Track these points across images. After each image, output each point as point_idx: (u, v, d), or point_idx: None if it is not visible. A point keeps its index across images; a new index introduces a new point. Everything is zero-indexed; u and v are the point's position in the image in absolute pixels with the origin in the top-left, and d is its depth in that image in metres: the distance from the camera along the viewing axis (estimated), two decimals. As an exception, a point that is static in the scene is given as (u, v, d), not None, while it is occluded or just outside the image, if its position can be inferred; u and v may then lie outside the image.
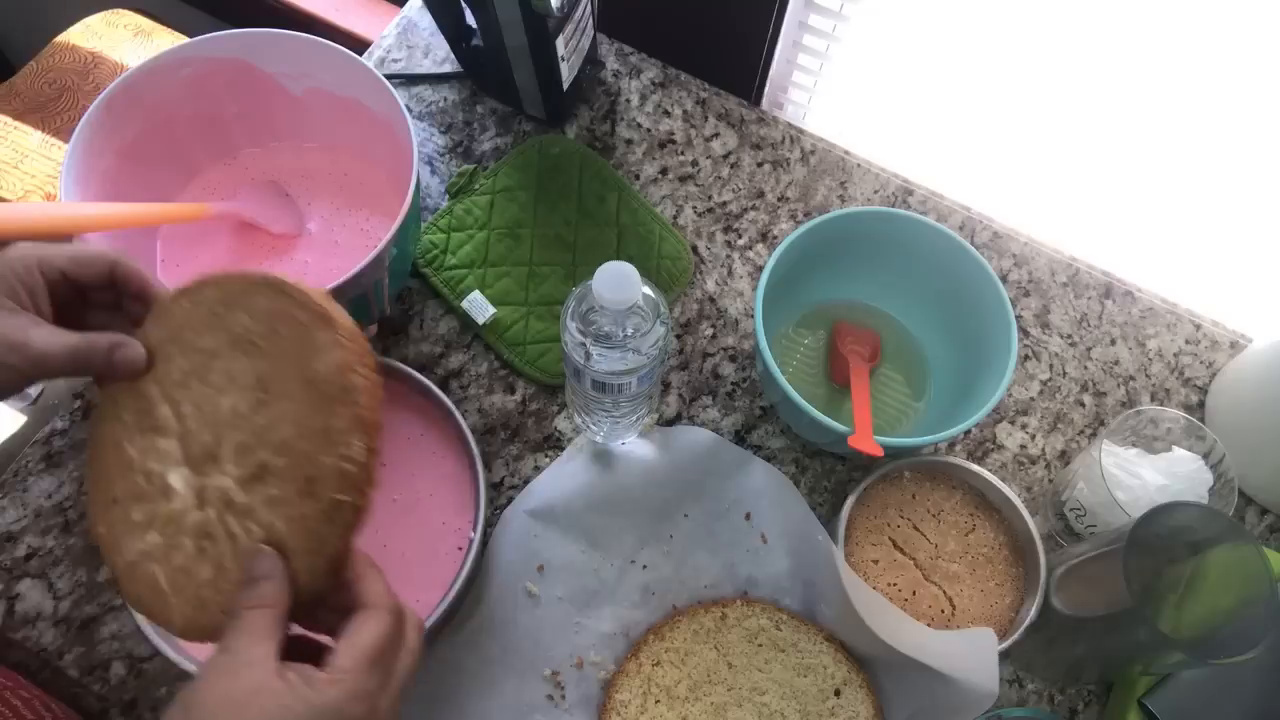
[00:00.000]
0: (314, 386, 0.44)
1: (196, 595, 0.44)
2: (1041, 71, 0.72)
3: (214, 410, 0.45)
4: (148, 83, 0.63)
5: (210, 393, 0.45)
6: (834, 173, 0.77)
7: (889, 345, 0.69)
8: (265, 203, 0.68)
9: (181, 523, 0.44)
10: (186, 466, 0.45)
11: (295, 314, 0.46)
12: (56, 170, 0.89)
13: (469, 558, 0.56)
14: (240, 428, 0.45)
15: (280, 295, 0.46)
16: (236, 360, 0.45)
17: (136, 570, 0.45)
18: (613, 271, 0.48)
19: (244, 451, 0.44)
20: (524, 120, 0.77)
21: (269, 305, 0.46)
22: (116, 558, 0.45)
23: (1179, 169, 0.73)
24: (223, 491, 0.44)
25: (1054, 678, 0.62)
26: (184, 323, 0.47)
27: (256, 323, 0.46)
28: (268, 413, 0.45)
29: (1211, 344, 0.73)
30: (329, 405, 0.44)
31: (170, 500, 0.45)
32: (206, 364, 0.46)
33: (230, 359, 0.46)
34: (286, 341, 0.45)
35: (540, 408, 0.68)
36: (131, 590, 0.45)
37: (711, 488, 0.63)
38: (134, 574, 0.45)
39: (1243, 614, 0.51)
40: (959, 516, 0.63)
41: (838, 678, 0.58)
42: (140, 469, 0.46)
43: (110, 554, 0.46)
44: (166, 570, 0.44)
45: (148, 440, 0.46)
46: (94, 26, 1.10)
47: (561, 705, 0.59)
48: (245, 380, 0.45)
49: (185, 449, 0.45)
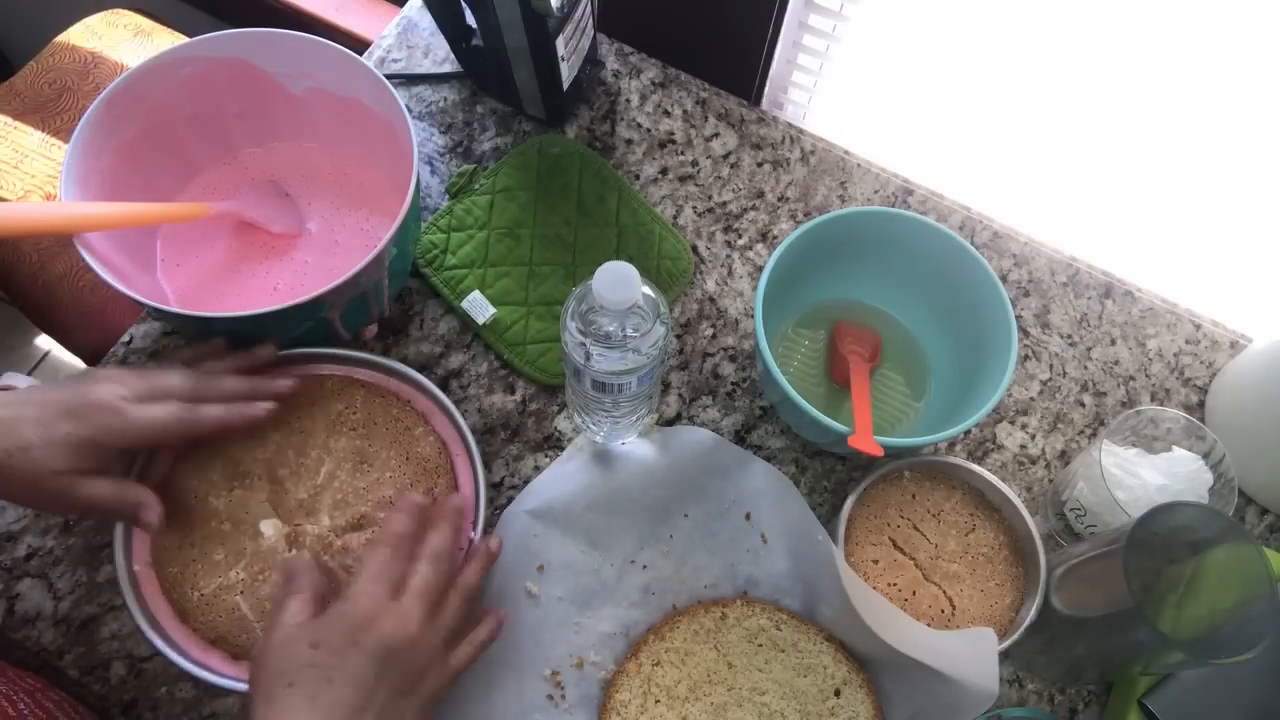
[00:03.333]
0: (415, 463, 0.59)
1: None
2: (1041, 71, 0.72)
3: (311, 475, 0.58)
4: (148, 82, 0.63)
5: (308, 462, 0.59)
6: (834, 173, 0.77)
7: (889, 345, 0.69)
8: (265, 202, 0.68)
9: (271, 560, 0.56)
10: (277, 517, 0.57)
11: (392, 410, 0.61)
12: (56, 170, 0.89)
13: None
14: (338, 489, 0.58)
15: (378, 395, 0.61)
16: (335, 439, 0.59)
17: (215, 601, 0.55)
18: (613, 271, 0.48)
19: (341, 506, 0.58)
20: (524, 120, 0.77)
21: (366, 398, 0.61)
22: (190, 592, 0.56)
23: (1179, 169, 0.73)
24: (318, 536, 0.57)
25: (1054, 678, 0.62)
26: (281, 407, 0.58)
27: (354, 412, 0.60)
28: (367, 479, 0.59)
29: (1211, 344, 0.73)
30: (430, 476, 0.59)
31: (259, 543, 0.56)
32: (304, 440, 0.59)
33: (328, 437, 0.59)
34: (383, 429, 0.60)
35: (540, 408, 0.68)
36: (207, 619, 0.55)
37: (711, 488, 0.63)
38: (211, 605, 0.55)
39: (1243, 614, 0.51)
40: (959, 516, 0.63)
41: (838, 678, 0.58)
42: (228, 518, 0.57)
43: (181, 589, 0.55)
44: (251, 600, 0.55)
45: (237, 496, 0.57)
46: (94, 26, 1.10)
47: (561, 705, 0.59)
48: (344, 454, 0.59)
49: (276, 504, 0.58)
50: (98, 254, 0.57)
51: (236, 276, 0.67)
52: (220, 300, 0.66)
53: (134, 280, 0.60)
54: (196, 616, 0.55)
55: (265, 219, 0.67)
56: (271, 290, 0.66)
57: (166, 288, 0.66)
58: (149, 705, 0.59)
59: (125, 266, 0.61)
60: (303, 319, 0.58)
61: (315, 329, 0.61)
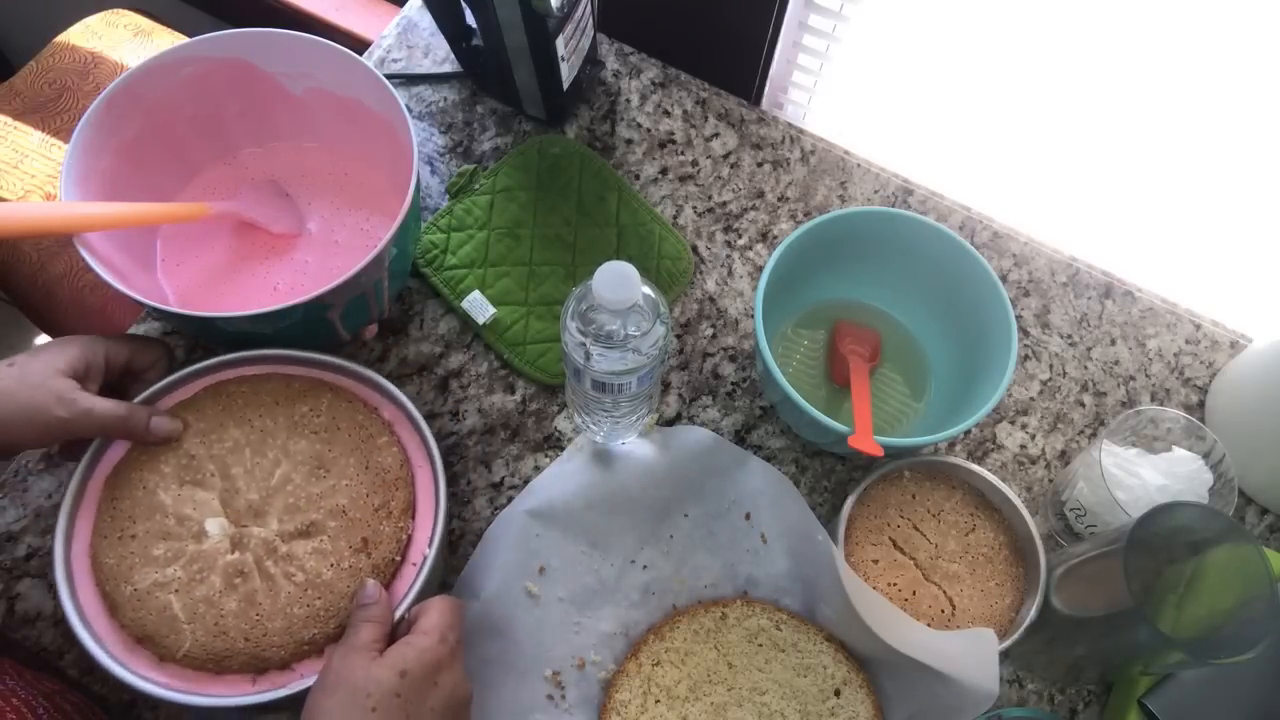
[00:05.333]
0: (374, 472, 0.57)
1: (217, 623, 0.52)
2: (1042, 71, 0.72)
3: (265, 476, 0.56)
4: (148, 82, 0.63)
5: (264, 462, 0.56)
6: (834, 173, 0.77)
7: (889, 345, 0.69)
8: (265, 202, 0.68)
9: (212, 561, 0.54)
10: (225, 517, 0.55)
11: (357, 417, 0.58)
12: (56, 170, 0.89)
13: (421, 575, 0.55)
14: (291, 493, 0.56)
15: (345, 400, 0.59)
16: (295, 441, 0.57)
17: (147, 597, 0.53)
18: (613, 271, 0.48)
19: (292, 511, 0.55)
20: (524, 120, 0.77)
21: (333, 402, 0.59)
22: (123, 585, 0.53)
23: (1178, 168, 0.73)
24: (264, 540, 0.54)
25: (1054, 678, 0.62)
26: (245, 402, 0.58)
27: (318, 415, 0.58)
28: (322, 485, 0.56)
29: (1211, 344, 0.73)
30: (388, 489, 0.57)
31: (201, 542, 0.54)
32: (263, 439, 0.57)
33: (288, 439, 0.57)
34: (346, 435, 0.58)
35: (540, 408, 0.68)
36: (135, 614, 0.53)
37: (711, 488, 0.63)
38: (143, 600, 0.53)
39: (1243, 614, 0.51)
40: (959, 516, 0.63)
41: (838, 678, 0.58)
42: (173, 513, 0.55)
43: (114, 581, 0.53)
44: (185, 600, 0.53)
45: (186, 490, 0.55)
46: (94, 26, 1.10)
47: (562, 705, 0.59)
48: (302, 457, 0.57)
49: (226, 503, 0.55)
50: (98, 254, 0.57)
51: (236, 276, 0.67)
52: (220, 300, 0.66)
53: (134, 280, 0.60)
54: (125, 611, 0.52)
55: (265, 219, 0.67)
56: (271, 290, 0.66)
57: (166, 288, 0.66)
58: (149, 705, 0.59)
59: (125, 266, 0.61)
60: (302, 319, 0.58)
61: (315, 329, 0.61)
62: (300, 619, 0.53)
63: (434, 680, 0.48)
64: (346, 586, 0.54)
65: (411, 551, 0.57)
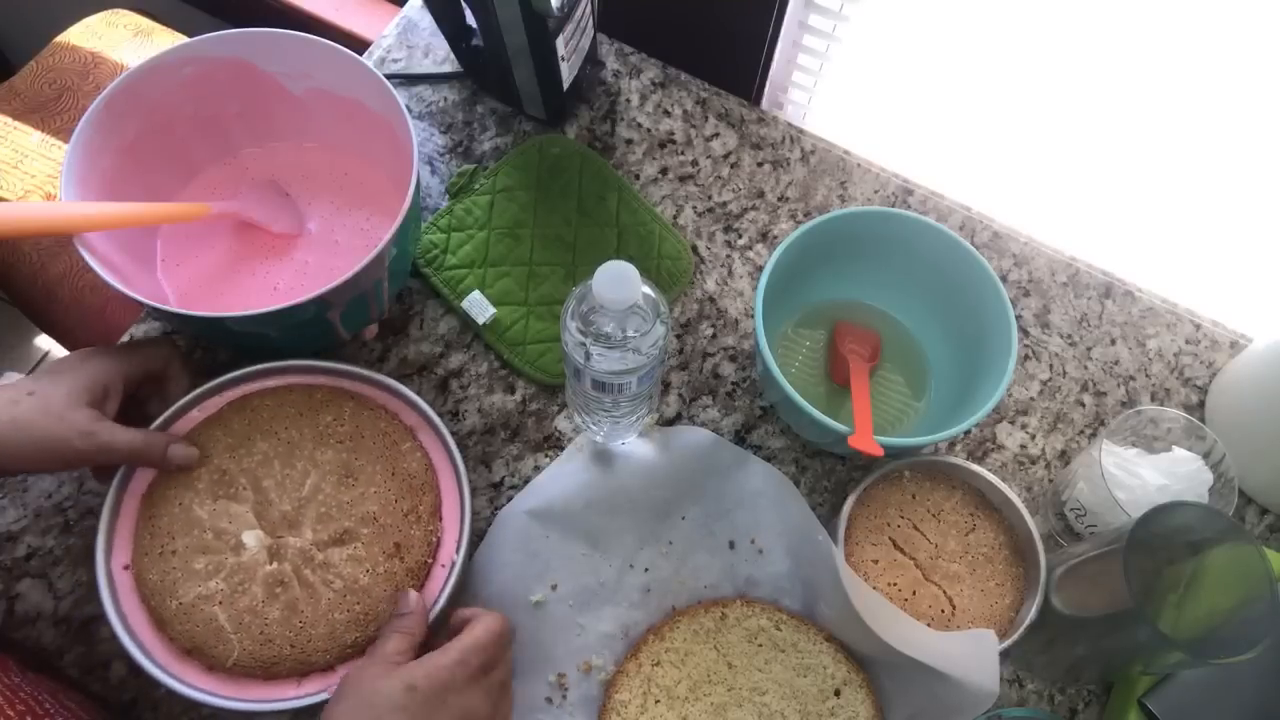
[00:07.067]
0: (400, 478, 0.58)
1: (263, 632, 0.54)
2: (1042, 71, 0.72)
3: (296, 486, 0.57)
4: (148, 82, 0.63)
5: (294, 473, 0.58)
6: (834, 173, 0.77)
7: (889, 345, 0.69)
8: (265, 202, 0.68)
9: (252, 573, 0.55)
10: (260, 529, 0.56)
11: (380, 424, 0.60)
12: (56, 170, 0.89)
13: (451, 578, 0.57)
14: (323, 502, 0.57)
15: (367, 408, 0.60)
16: (322, 451, 0.58)
17: (193, 611, 0.55)
18: (613, 271, 0.48)
19: (325, 520, 0.57)
20: (524, 120, 0.77)
21: (355, 410, 0.60)
22: (169, 600, 0.55)
23: (1178, 168, 0.73)
24: (300, 550, 0.56)
25: (1054, 678, 0.62)
26: (269, 415, 0.59)
27: (342, 424, 0.59)
28: (352, 493, 0.57)
29: (1211, 344, 0.73)
30: (415, 493, 0.58)
31: (240, 555, 0.56)
32: (290, 450, 0.58)
33: (315, 449, 0.58)
34: (370, 443, 0.59)
35: (540, 408, 0.68)
36: (183, 628, 0.54)
37: (711, 488, 0.63)
38: (189, 614, 0.55)
39: (1243, 614, 0.51)
40: (959, 516, 0.63)
41: (838, 678, 0.58)
42: (210, 527, 0.56)
43: (160, 597, 0.55)
44: (229, 611, 0.54)
45: (220, 505, 0.57)
46: (94, 26, 1.10)
47: (562, 706, 0.59)
48: (330, 466, 0.58)
49: (260, 515, 0.57)
50: (98, 254, 0.57)
51: (236, 276, 0.67)
52: (220, 300, 0.66)
53: (134, 280, 0.60)
54: (173, 625, 0.54)
55: (265, 219, 0.67)
56: (271, 290, 0.66)
57: (166, 288, 0.66)
58: (149, 705, 0.59)
59: (125, 266, 0.61)
60: (303, 319, 0.58)
61: (315, 329, 0.61)
62: (342, 624, 0.55)
63: (443, 700, 0.47)
64: (384, 591, 0.56)
65: (441, 554, 0.58)
